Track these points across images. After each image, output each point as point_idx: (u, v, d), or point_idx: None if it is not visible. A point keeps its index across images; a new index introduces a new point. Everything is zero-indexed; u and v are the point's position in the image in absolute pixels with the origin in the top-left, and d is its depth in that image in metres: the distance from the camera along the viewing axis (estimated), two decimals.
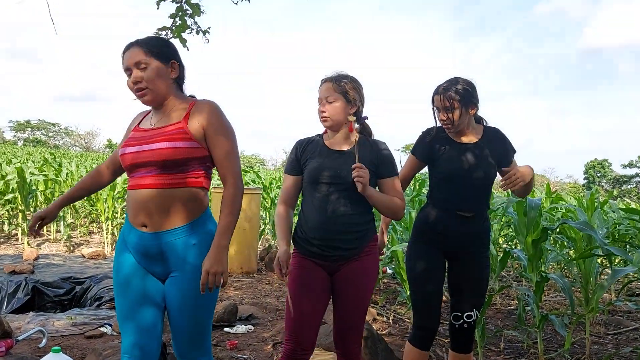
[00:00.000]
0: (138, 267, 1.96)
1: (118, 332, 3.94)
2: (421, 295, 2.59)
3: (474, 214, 2.54)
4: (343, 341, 2.37)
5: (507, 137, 2.63)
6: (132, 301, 1.96)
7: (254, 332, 4.17)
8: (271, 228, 8.88)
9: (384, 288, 5.82)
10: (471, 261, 2.59)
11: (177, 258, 1.90)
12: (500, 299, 5.53)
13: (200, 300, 1.92)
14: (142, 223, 1.90)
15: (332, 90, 2.28)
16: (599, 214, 5.04)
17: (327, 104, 2.28)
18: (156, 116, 1.99)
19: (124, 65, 1.92)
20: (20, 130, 63.78)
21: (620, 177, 49.15)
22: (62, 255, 7.92)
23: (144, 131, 1.95)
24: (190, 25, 3.59)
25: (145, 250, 1.92)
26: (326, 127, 2.32)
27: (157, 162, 1.86)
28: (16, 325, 4.00)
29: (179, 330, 1.97)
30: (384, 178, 2.32)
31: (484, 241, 2.61)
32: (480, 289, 2.62)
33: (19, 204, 9.10)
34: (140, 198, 1.88)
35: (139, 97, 1.93)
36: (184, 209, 1.89)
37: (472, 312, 2.59)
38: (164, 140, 1.86)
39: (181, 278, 1.91)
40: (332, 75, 2.34)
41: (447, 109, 2.45)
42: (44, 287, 5.67)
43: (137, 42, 1.93)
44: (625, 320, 4.77)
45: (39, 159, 21.11)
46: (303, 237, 2.31)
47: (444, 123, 2.50)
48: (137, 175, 1.91)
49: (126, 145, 1.95)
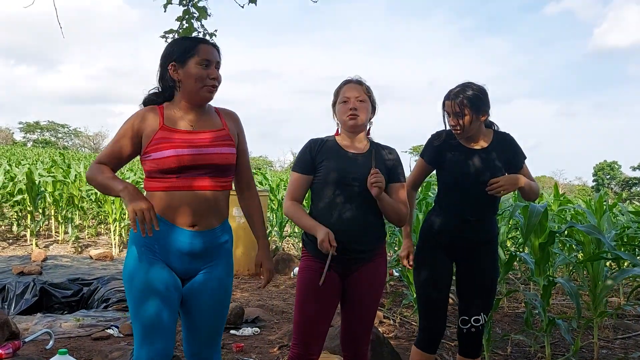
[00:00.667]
0: (167, 270, 1.94)
1: (125, 334, 3.95)
2: (427, 300, 2.59)
3: (480, 219, 2.53)
4: (354, 343, 2.37)
5: (517, 143, 2.61)
6: (160, 306, 1.91)
7: (260, 334, 4.16)
8: (278, 230, 8.88)
9: (391, 291, 5.81)
10: (479, 266, 2.57)
11: (215, 255, 2.02)
12: (507, 302, 5.50)
13: (226, 295, 2.06)
14: (192, 223, 1.94)
15: (361, 91, 2.32)
16: (608, 217, 5.00)
17: (359, 103, 2.30)
18: (192, 117, 1.99)
19: (207, 57, 1.95)
20: (30, 131, 64.22)
21: (629, 180, 48.80)
22: (70, 256, 7.96)
23: (190, 133, 1.95)
24: (197, 28, 3.61)
25: (191, 249, 1.95)
26: (352, 125, 2.30)
27: (216, 165, 1.95)
28: (24, 326, 4.02)
29: (201, 327, 2.02)
30: (392, 183, 2.34)
31: (491, 246, 2.60)
32: (488, 293, 2.60)
33: (28, 205, 9.16)
34: (193, 199, 1.93)
35: (206, 92, 1.97)
36: (224, 209, 2.04)
37: (480, 316, 2.57)
38: (225, 145, 1.98)
39: (215, 274, 2.01)
40: (358, 78, 2.38)
41: (457, 114, 2.44)
42: (52, 289, 5.70)
43: (215, 46, 2.03)
44: (634, 325, 4.73)
45: (47, 160, 21.24)
46: (314, 240, 2.27)
47: (454, 128, 2.49)
48: (189, 176, 1.92)
49: (176, 147, 1.90)
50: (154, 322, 1.90)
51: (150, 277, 1.91)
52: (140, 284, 1.91)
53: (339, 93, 2.37)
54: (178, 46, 1.98)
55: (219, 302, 2.04)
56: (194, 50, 1.94)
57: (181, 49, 1.96)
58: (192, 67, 1.93)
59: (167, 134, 1.92)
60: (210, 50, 1.97)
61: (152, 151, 1.91)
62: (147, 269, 1.92)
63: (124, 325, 4.05)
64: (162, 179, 1.92)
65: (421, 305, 2.61)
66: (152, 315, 1.90)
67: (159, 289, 1.90)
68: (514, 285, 6.19)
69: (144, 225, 1.75)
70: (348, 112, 2.29)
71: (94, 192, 10.27)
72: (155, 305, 1.90)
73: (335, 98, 2.40)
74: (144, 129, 1.95)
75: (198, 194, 1.93)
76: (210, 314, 2.02)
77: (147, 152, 1.93)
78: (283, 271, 7.03)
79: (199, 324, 2.03)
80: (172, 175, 1.91)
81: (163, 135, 1.92)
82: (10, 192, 9.94)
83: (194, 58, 1.93)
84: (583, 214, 5.69)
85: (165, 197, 1.92)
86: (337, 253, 2.15)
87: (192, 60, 1.93)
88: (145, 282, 1.90)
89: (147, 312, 1.90)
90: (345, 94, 2.33)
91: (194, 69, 1.93)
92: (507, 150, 2.56)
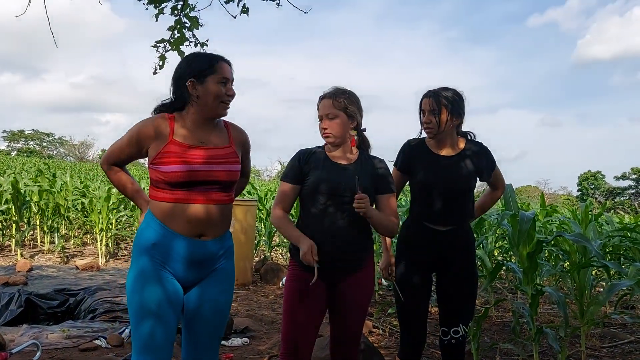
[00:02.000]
0: (163, 286, 1.97)
1: (113, 345, 3.91)
2: (407, 311, 2.57)
3: (453, 227, 2.53)
4: (341, 353, 2.38)
5: (489, 151, 2.65)
6: (154, 326, 1.95)
7: (249, 344, 4.15)
8: (267, 239, 8.86)
9: (380, 300, 5.81)
10: (457, 276, 2.56)
11: (219, 262, 2.09)
12: (495, 312, 5.53)
13: (227, 302, 2.13)
14: (200, 233, 2.00)
15: (332, 106, 2.31)
16: (594, 226, 5.06)
17: (328, 121, 2.31)
18: (201, 132, 2.04)
19: (226, 75, 2.02)
20: (14, 140, 63.51)
21: (613, 189, 49.43)
22: (56, 266, 7.87)
23: (199, 149, 2.00)
24: (189, 38, 3.62)
25: (197, 257, 2.01)
26: (329, 143, 2.34)
27: (222, 181, 2.02)
28: (9, 337, 3.96)
29: (201, 333, 2.07)
30: (380, 194, 2.36)
31: (468, 255, 2.59)
32: (467, 304, 2.59)
33: (13, 215, 9.05)
34: (199, 211, 1.98)
35: (222, 109, 2.04)
36: (228, 219, 2.12)
37: (459, 327, 2.55)
38: (231, 163, 2.05)
39: (218, 281, 2.08)
40: (330, 91, 2.36)
41: (433, 112, 2.46)
42: (38, 299, 5.62)
43: (229, 62, 2.08)
44: (620, 333, 4.78)
45: (33, 169, 21.01)
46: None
47: (428, 126, 2.50)
48: (195, 190, 1.98)
49: (185, 162, 1.96)
50: (147, 342, 1.94)
51: (145, 298, 1.95)
52: (136, 304, 1.96)
53: (317, 108, 2.39)
54: (197, 62, 2.03)
55: (219, 309, 2.10)
56: (213, 68, 2.00)
57: (200, 66, 2.00)
58: (211, 85, 1.99)
59: (176, 148, 1.97)
60: (227, 68, 2.04)
61: (161, 163, 1.96)
62: (141, 288, 1.95)
63: (112, 336, 4.01)
64: (169, 190, 1.97)
65: (401, 316, 2.60)
66: (146, 334, 1.94)
67: (152, 309, 1.94)
68: (502, 294, 6.23)
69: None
70: (322, 130, 2.33)
71: (80, 201, 10.18)
72: (149, 325, 1.94)
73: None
74: (153, 137, 2.00)
75: (204, 207, 1.99)
76: (210, 321, 2.08)
77: (156, 163, 1.98)
78: (272, 281, 7.01)
79: (199, 329, 2.07)
80: (178, 189, 1.96)
81: (172, 149, 1.97)
82: None
83: (213, 76, 1.99)
84: (568, 224, 5.75)
85: (171, 208, 1.97)
86: (319, 266, 2.17)
87: (211, 78, 1.99)
88: (140, 302, 1.95)
89: (142, 331, 1.95)
90: (319, 111, 2.36)
91: (213, 86, 1.99)
92: (479, 158, 2.58)
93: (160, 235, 1.97)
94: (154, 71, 3.54)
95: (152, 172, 2.00)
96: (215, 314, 2.09)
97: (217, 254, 2.07)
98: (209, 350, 2.11)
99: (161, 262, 1.97)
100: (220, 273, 2.10)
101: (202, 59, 2.04)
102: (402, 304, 2.56)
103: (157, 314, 1.93)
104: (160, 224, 1.97)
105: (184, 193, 1.97)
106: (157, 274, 1.96)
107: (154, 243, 1.97)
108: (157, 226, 1.97)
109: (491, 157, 2.64)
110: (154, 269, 1.96)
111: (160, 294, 1.95)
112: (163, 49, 3.53)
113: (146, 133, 2.00)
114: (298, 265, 2.32)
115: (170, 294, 1.97)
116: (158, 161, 1.97)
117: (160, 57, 3.54)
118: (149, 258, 1.96)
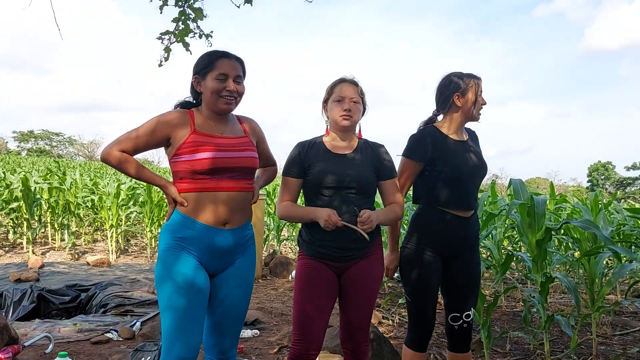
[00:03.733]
0: (200, 268, 2.04)
1: (124, 338, 3.94)
2: (418, 304, 2.53)
3: (472, 213, 2.53)
4: (352, 341, 2.38)
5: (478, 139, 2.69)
6: (197, 303, 2.02)
7: (259, 336, 4.17)
8: (275, 234, 8.88)
9: (389, 292, 5.82)
10: (466, 262, 2.55)
11: (243, 250, 2.16)
12: (505, 302, 5.52)
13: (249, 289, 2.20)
14: (225, 221, 2.07)
15: (356, 92, 2.33)
16: (604, 214, 5.03)
17: (353, 104, 2.30)
18: (220, 125, 2.12)
19: (224, 71, 2.06)
20: (24, 140, 63.93)
21: (624, 180, 49.03)
22: (67, 263, 7.94)
23: (220, 138, 2.08)
24: (193, 30, 3.62)
25: (224, 245, 2.07)
26: (345, 125, 2.31)
27: (243, 167, 2.09)
28: (22, 332, 4.01)
29: (231, 321, 2.15)
30: (384, 180, 2.36)
31: (477, 241, 2.61)
32: (475, 288, 2.60)
33: (24, 213, 9.13)
34: (224, 199, 2.05)
35: (222, 104, 2.07)
36: (249, 208, 2.18)
37: (470, 311, 2.57)
38: (249, 150, 2.13)
39: (241, 268, 2.15)
40: (350, 77, 2.37)
41: (481, 93, 2.49)
42: (50, 295, 5.69)
43: (238, 59, 2.13)
44: (632, 321, 4.76)
45: (43, 168, 21.18)
46: (310, 239, 2.31)
47: (480, 110, 2.52)
48: (219, 178, 2.04)
49: (210, 150, 2.02)
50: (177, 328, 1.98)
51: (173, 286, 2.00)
52: (164, 293, 2.00)
53: (332, 90, 2.35)
54: (202, 60, 2.12)
55: (242, 296, 2.18)
56: (213, 64, 2.07)
57: (203, 63, 2.09)
58: (209, 81, 2.06)
59: (200, 138, 2.04)
60: (227, 64, 2.08)
61: (185, 153, 2.02)
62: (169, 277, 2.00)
63: (123, 329, 4.05)
64: (194, 180, 2.03)
65: (411, 307, 2.57)
66: (186, 312, 1.99)
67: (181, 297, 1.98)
68: (512, 284, 6.21)
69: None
70: (342, 112, 2.29)
71: (90, 198, 10.25)
72: (178, 312, 1.98)
73: (327, 95, 2.38)
74: (175, 130, 2.06)
75: (227, 195, 2.06)
76: (233, 307, 2.15)
77: (179, 154, 2.03)
78: (281, 274, 7.03)
79: (222, 315, 2.14)
80: (204, 177, 2.02)
81: (196, 139, 2.03)
82: (6, 199, 9.90)
83: (212, 72, 2.06)
84: (579, 212, 5.72)
85: (196, 198, 2.03)
86: (346, 223, 2.20)
87: (210, 75, 2.07)
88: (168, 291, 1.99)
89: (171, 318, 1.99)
90: (340, 92, 2.32)
91: (211, 82, 2.06)
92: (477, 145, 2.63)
93: (186, 228, 2.02)
94: (160, 63, 3.55)
95: (176, 165, 2.05)
96: (239, 300, 2.16)
97: (240, 242, 2.13)
98: (230, 336, 2.18)
99: (188, 252, 2.02)
100: (244, 261, 2.17)
101: (206, 57, 2.10)
102: (413, 295, 2.54)
103: (185, 301, 1.98)
104: (184, 216, 2.03)
105: (209, 181, 2.02)
106: (184, 264, 2.00)
107: (181, 237, 2.02)
108: (184, 220, 2.03)
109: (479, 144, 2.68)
110: (181, 259, 2.01)
111: (188, 282, 1.99)
112: (168, 41, 3.54)
113: (169, 121, 2.06)
114: (307, 255, 2.33)
115: (197, 282, 2.02)
116: (183, 151, 2.02)
117: (165, 49, 3.54)
118: (173, 250, 2.02)
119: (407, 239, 2.55)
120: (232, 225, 2.09)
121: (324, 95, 2.41)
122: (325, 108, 2.40)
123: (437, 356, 3.67)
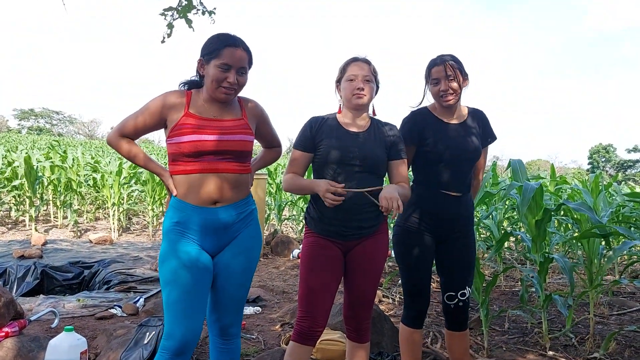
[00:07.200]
0: (202, 252, 2.07)
1: (128, 314, 4.00)
2: (412, 280, 2.58)
3: (462, 193, 2.55)
4: (355, 317, 2.42)
5: (488, 120, 2.65)
6: (202, 281, 2.05)
7: (261, 313, 4.22)
8: (277, 213, 8.93)
9: (389, 271, 5.87)
10: (461, 242, 2.58)
11: (242, 226, 2.16)
12: (504, 282, 5.57)
13: (251, 264, 2.21)
14: (214, 200, 2.07)
15: (369, 70, 2.33)
16: (604, 196, 5.05)
17: (365, 82, 2.31)
18: (215, 106, 2.10)
19: (228, 61, 2.02)
20: (24, 118, 63.84)
21: (624, 162, 48.95)
22: (70, 240, 8.00)
23: (213, 120, 2.07)
24: (196, 6, 3.59)
25: (214, 222, 2.07)
26: (357, 104, 2.32)
27: (235, 151, 2.07)
28: (27, 307, 4.07)
29: (233, 297, 2.18)
30: (392, 160, 2.38)
31: (471, 221, 2.63)
32: (470, 267, 2.63)
33: (26, 191, 9.17)
34: (214, 180, 2.05)
35: (220, 94, 2.05)
36: (245, 186, 2.18)
37: (466, 289, 2.61)
38: (243, 133, 2.10)
39: (242, 245, 2.16)
40: (365, 57, 2.38)
41: (449, 77, 2.43)
42: (53, 271, 5.75)
43: (245, 48, 2.09)
44: (629, 301, 4.81)
45: (44, 146, 21.16)
46: (319, 216, 2.32)
47: (447, 94, 2.45)
48: (210, 160, 2.04)
49: (199, 133, 2.02)
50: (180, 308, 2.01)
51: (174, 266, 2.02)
52: (166, 273, 2.03)
53: (345, 70, 2.36)
54: (210, 44, 2.07)
55: (244, 272, 2.19)
56: (219, 52, 2.03)
57: (210, 48, 2.05)
58: (211, 68, 2.04)
59: (190, 120, 2.04)
60: (233, 55, 2.03)
61: (176, 135, 2.03)
62: (170, 258, 2.04)
63: (127, 305, 4.10)
64: (185, 162, 2.04)
65: (406, 285, 2.62)
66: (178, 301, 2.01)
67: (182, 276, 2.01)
68: (511, 264, 6.26)
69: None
70: (354, 90, 2.30)
71: (92, 176, 10.28)
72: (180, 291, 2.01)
73: (340, 74, 2.39)
74: (170, 113, 2.06)
75: (219, 176, 2.06)
76: (235, 283, 2.17)
77: (171, 137, 2.05)
78: (283, 253, 7.09)
79: (223, 292, 2.16)
80: (191, 159, 2.03)
81: (187, 122, 2.03)
82: (8, 177, 9.93)
83: (215, 59, 2.03)
84: (579, 193, 5.74)
85: (186, 180, 2.05)
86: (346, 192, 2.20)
87: (214, 61, 2.03)
88: (169, 270, 2.03)
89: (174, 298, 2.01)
90: (352, 71, 2.33)
91: (212, 69, 2.04)
92: (481, 126, 2.60)
93: (180, 211, 2.06)
94: (162, 40, 3.53)
95: (170, 147, 2.07)
96: (237, 279, 2.17)
97: (238, 217, 2.14)
98: (232, 312, 2.21)
99: (185, 234, 2.05)
100: (245, 233, 2.17)
101: (214, 41, 2.06)
102: (407, 273, 2.59)
103: (190, 276, 2.01)
104: (179, 201, 2.06)
105: (198, 164, 2.03)
106: (183, 245, 2.04)
107: (177, 221, 2.06)
108: (177, 204, 2.07)
109: (491, 127, 2.65)
110: (180, 241, 2.04)
111: (193, 260, 2.03)
112: (171, 17, 3.52)
113: (165, 104, 2.06)
114: (314, 233, 2.35)
115: (202, 260, 2.05)
116: (174, 133, 2.03)
117: (168, 25, 3.52)
118: (174, 233, 2.05)
119: (400, 216, 2.60)
120: (224, 203, 2.09)
121: (336, 74, 2.42)
122: (339, 87, 2.41)
123: (437, 334, 3.73)
